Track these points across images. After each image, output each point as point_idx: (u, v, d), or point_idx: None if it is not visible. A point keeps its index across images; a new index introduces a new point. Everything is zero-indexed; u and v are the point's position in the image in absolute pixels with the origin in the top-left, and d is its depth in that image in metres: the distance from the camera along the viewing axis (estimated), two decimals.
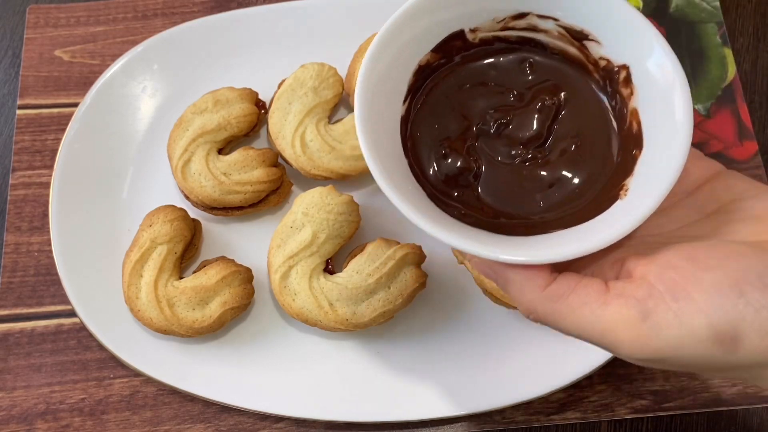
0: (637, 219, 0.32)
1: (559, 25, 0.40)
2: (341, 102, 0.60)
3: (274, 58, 0.62)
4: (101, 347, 0.55)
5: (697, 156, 0.37)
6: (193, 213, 0.57)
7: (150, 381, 0.54)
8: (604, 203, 0.36)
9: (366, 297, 0.51)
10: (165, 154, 0.58)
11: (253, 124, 0.57)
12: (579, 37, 0.40)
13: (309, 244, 0.51)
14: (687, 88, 0.34)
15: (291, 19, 0.62)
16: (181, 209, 0.54)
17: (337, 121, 0.58)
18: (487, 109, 0.41)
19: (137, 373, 0.54)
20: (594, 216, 0.36)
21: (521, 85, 0.41)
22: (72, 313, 0.56)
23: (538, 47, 0.42)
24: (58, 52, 0.64)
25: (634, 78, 0.38)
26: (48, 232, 0.56)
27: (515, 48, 0.42)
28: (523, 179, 0.39)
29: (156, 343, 0.54)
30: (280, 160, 0.58)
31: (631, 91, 0.38)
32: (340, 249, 0.54)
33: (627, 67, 0.38)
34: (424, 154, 0.40)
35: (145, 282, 0.52)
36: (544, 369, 0.52)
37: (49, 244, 0.56)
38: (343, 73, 0.59)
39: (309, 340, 0.54)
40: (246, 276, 0.54)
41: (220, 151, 0.57)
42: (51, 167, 0.59)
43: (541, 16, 0.40)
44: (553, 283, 0.33)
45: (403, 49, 0.39)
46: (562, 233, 0.36)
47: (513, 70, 0.42)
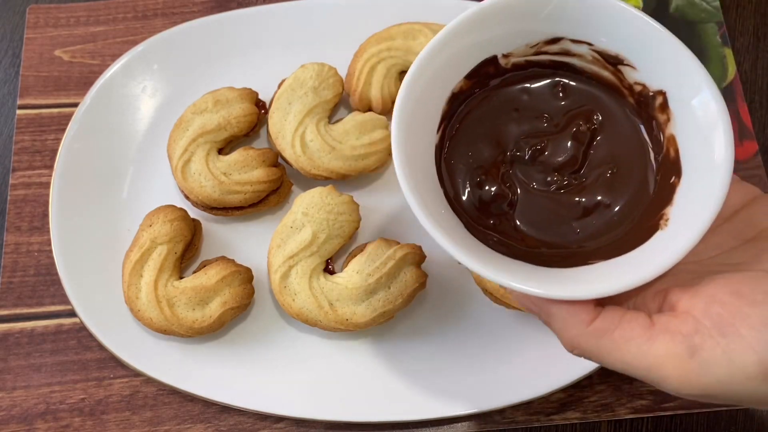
0: (680, 253, 0.32)
1: (593, 49, 0.39)
2: (341, 102, 0.60)
3: (274, 58, 0.62)
4: (101, 347, 0.55)
5: (735, 180, 0.36)
6: (193, 213, 0.57)
7: (150, 381, 0.54)
8: (645, 233, 0.36)
9: (366, 297, 0.51)
10: (165, 154, 0.58)
11: (253, 124, 0.57)
12: (614, 61, 0.39)
13: (309, 244, 0.51)
14: (730, 127, 0.34)
15: (291, 19, 0.62)
16: (181, 209, 0.54)
17: (337, 121, 0.58)
18: (520, 136, 0.40)
19: (137, 373, 0.54)
20: (635, 246, 0.35)
21: (555, 110, 0.41)
22: (72, 313, 0.56)
23: (572, 71, 0.41)
24: (58, 52, 0.64)
25: (671, 104, 0.37)
26: (48, 232, 0.56)
27: (548, 73, 0.41)
28: (559, 206, 0.39)
29: (156, 343, 0.54)
30: (280, 160, 0.58)
31: (668, 117, 0.37)
32: (340, 249, 0.54)
33: (664, 93, 0.37)
34: (459, 182, 0.40)
35: (145, 282, 0.52)
36: (544, 369, 0.52)
37: (49, 244, 0.56)
38: (343, 73, 0.59)
39: (309, 340, 0.54)
40: (246, 276, 0.54)
41: (220, 151, 0.57)
42: (51, 167, 0.59)
43: (574, 41, 0.39)
44: (597, 319, 0.32)
45: (436, 77, 0.39)
46: (604, 265, 0.35)
47: (546, 95, 0.41)
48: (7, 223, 0.59)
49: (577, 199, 0.39)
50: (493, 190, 0.39)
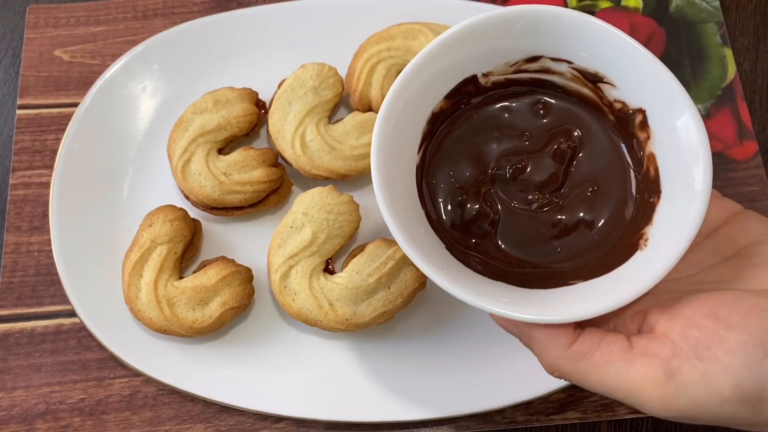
0: (659, 274, 0.32)
1: (573, 67, 0.39)
2: (341, 102, 0.60)
3: (274, 58, 0.62)
4: (101, 347, 0.55)
5: (715, 196, 0.37)
6: (193, 213, 0.57)
7: (150, 381, 0.54)
8: (624, 253, 0.36)
9: (366, 297, 0.51)
10: (165, 154, 0.58)
11: (253, 124, 0.57)
12: (593, 79, 0.39)
13: (309, 244, 0.51)
14: (709, 147, 0.34)
15: (291, 19, 0.62)
16: (181, 209, 0.54)
17: (337, 121, 0.58)
18: (502, 154, 0.40)
19: (137, 373, 0.54)
20: (615, 267, 0.35)
21: (536, 128, 0.41)
22: (72, 313, 0.56)
23: (552, 89, 0.41)
24: (58, 52, 0.64)
25: (650, 122, 0.37)
26: (48, 232, 0.56)
27: (529, 91, 0.41)
28: (540, 225, 0.39)
29: (156, 343, 0.54)
30: (280, 160, 0.58)
31: (648, 135, 0.37)
32: (340, 249, 0.54)
33: (643, 111, 0.37)
34: (441, 202, 0.39)
35: (145, 282, 0.52)
36: None
37: (49, 244, 0.56)
38: (343, 73, 0.59)
39: (309, 340, 0.54)
40: (246, 276, 0.54)
41: (220, 151, 0.57)
42: (51, 167, 0.59)
43: (554, 59, 0.39)
44: (576, 342, 0.33)
45: (416, 98, 0.39)
46: (583, 286, 0.35)
47: (527, 113, 0.41)
48: (7, 223, 0.59)
49: (558, 217, 0.38)
50: (474, 209, 0.39)
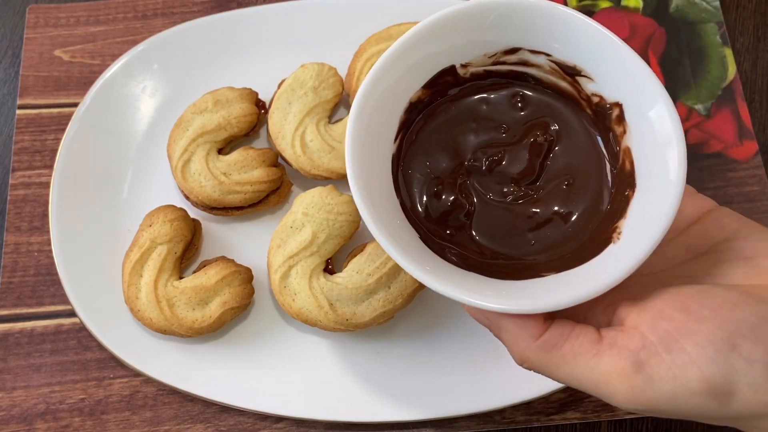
0: (630, 267, 0.32)
1: (551, 60, 0.39)
2: (341, 102, 0.60)
3: (274, 58, 0.62)
4: (101, 347, 0.55)
5: (690, 192, 0.37)
6: (193, 213, 0.57)
7: (150, 381, 0.54)
8: (598, 245, 0.36)
9: (366, 297, 0.51)
10: (165, 154, 0.58)
11: (253, 124, 0.57)
12: (571, 72, 0.39)
13: (309, 244, 0.51)
14: (683, 141, 0.34)
15: (291, 19, 0.62)
16: (181, 209, 0.54)
17: (337, 121, 0.58)
18: (478, 146, 0.40)
19: (137, 373, 0.54)
20: (588, 259, 0.35)
21: (513, 120, 0.41)
22: (72, 313, 0.56)
23: (530, 81, 0.41)
24: (58, 52, 0.64)
25: (627, 116, 0.37)
26: (48, 232, 0.56)
27: (507, 83, 0.41)
28: (515, 217, 0.38)
29: (156, 343, 0.54)
30: (280, 160, 0.58)
31: (624, 129, 0.37)
32: (340, 249, 0.54)
33: (620, 105, 0.37)
34: (416, 192, 0.39)
35: (145, 282, 0.52)
36: None
37: (49, 244, 0.56)
38: (343, 73, 0.59)
39: (309, 340, 0.54)
40: (246, 276, 0.54)
41: (220, 151, 0.57)
42: (51, 167, 0.59)
43: (533, 51, 0.39)
44: (545, 333, 0.33)
45: (393, 86, 0.39)
46: (555, 278, 0.35)
47: (505, 105, 0.41)
48: (7, 223, 0.59)
49: (533, 210, 0.38)
50: (450, 200, 0.39)
